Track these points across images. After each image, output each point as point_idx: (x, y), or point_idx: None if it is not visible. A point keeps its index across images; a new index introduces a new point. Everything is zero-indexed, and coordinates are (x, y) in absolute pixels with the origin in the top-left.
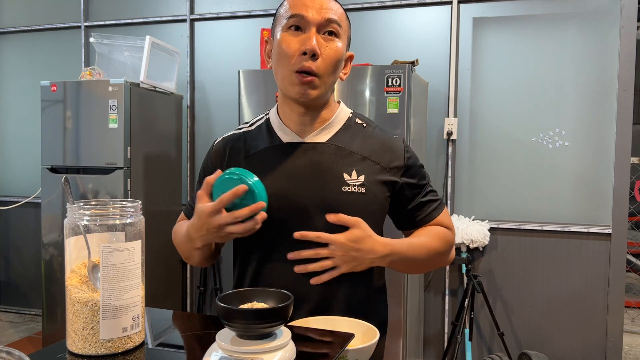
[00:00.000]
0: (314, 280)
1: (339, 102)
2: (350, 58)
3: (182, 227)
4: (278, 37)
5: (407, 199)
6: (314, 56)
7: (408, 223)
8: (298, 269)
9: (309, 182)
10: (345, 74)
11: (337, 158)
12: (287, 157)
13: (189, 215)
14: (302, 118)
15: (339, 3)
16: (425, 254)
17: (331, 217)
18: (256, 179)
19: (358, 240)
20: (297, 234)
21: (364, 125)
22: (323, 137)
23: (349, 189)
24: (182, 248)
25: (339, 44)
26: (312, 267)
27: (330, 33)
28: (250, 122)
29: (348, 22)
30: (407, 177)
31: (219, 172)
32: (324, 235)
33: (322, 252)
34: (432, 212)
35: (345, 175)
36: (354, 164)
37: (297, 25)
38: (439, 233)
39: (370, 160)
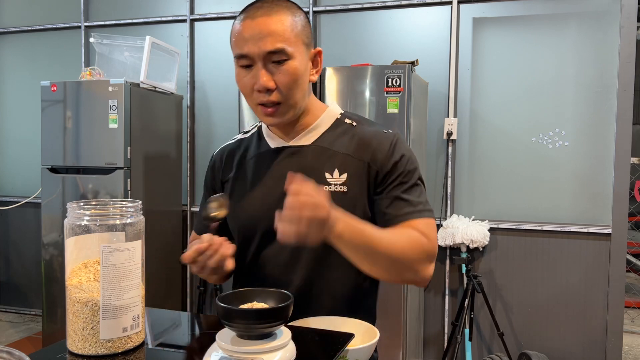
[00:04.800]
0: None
1: (327, 105)
2: (318, 54)
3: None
4: (235, 70)
5: (380, 190)
6: (268, 91)
7: (376, 218)
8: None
9: None
10: (317, 71)
11: (320, 159)
12: (274, 162)
13: (198, 232)
14: (284, 128)
15: (284, 12)
16: (384, 246)
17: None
18: None
19: (307, 193)
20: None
21: (354, 124)
22: (307, 140)
23: (330, 188)
24: None
25: (292, 63)
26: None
27: (278, 60)
28: (247, 130)
29: (300, 26)
30: (389, 169)
31: (198, 247)
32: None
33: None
34: (407, 215)
35: (327, 175)
36: (337, 162)
37: (245, 64)
38: (408, 233)
39: (354, 157)
